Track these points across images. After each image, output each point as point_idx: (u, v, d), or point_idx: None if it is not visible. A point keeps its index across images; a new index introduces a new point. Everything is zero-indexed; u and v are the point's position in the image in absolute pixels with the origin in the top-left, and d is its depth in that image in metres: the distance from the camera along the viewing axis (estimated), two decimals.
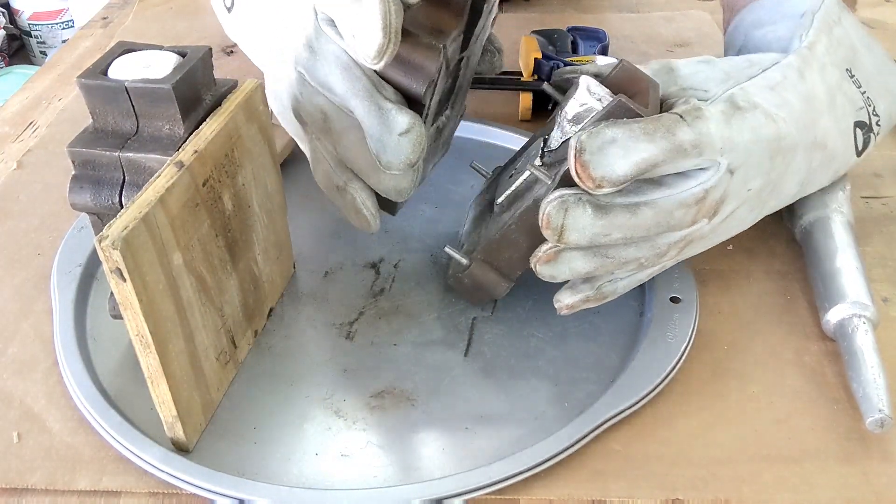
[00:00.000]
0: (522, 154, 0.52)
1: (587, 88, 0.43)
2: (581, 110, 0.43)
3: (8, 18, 2.20)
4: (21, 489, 0.42)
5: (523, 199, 0.45)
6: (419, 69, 0.43)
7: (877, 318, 0.47)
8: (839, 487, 0.41)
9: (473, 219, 0.53)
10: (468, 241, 0.51)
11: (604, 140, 0.39)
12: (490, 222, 0.49)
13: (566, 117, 0.44)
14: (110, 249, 0.35)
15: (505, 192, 0.47)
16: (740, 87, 0.45)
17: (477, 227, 0.51)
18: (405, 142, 0.43)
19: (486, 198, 0.53)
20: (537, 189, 0.44)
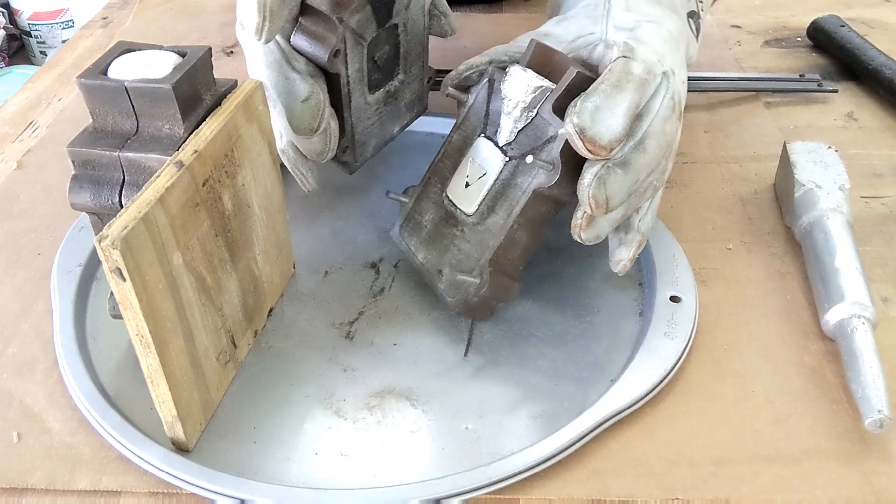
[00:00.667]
0: (439, 166, 0.51)
1: (520, 74, 0.47)
2: (535, 95, 0.46)
3: (8, 18, 2.20)
4: (21, 489, 0.42)
5: (512, 195, 0.47)
6: (321, 40, 0.48)
7: (876, 319, 0.47)
8: (839, 487, 0.41)
9: (424, 242, 0.51)
10: (443, 264, 0.49)
11: (591, 110, 0.43)
12: (470, 233, 0.48)
13: (516, 106, 0.47)
14: (110, 249, 0.35)
15: (476, 199, 0.48)
16: (621, 11, 0.50)
17: (440, 247, 0.50)
18: (305, 108, 0.48)
19: (424, 218, 0.51)
20: (525, 181, 0.46)
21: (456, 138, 0.50)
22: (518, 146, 0.47)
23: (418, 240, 0.51)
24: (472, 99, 0.50)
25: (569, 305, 0.52)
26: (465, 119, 0.50)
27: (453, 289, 0.49)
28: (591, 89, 0.43)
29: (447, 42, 0.84)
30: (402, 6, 0.53)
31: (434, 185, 0.51)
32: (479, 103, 0.50)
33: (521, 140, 0.47)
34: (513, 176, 0.47)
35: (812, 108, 0.73)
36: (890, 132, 0.69)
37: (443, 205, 0.50)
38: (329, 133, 0.51)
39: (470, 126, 0.50)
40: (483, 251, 0.48)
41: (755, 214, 0.59)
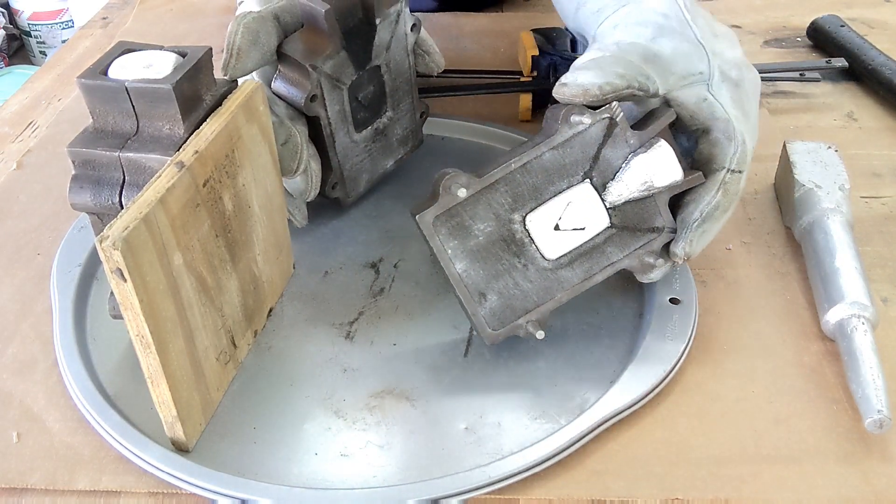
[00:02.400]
0: (517, 178, 0.45)
1: (666, 157, 0.45)
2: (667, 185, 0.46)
3: (8, 18, 2.20)
4: (21, 489, 0.42)
5: (597, 260, 0.47)
6: (298, 85, 0.51)
7: (876, 319, 0.47)
8: (839, 487, 0.41)
9: (470, 253, 0.46)
10: (490, 290, 0.46)
11: (699, 236, 0.46)
12: (536, 275, 0.46)
13: (642, 181, 0.45)
14: (111, 250, 0.35)
15: (562, 249, 0.46)
16: (718, 58, 0.48)
17: (491, 270, 0.46)
18: (284, 151, 0.50)
19: (477, 226, 0.45)
20: (616, 255, 0.47)
21: (549, 158, 0.45)
22: (622, 215, 0.46)
23: (461, 245, 0.45)
24: (583, 127, 0.44)
25: (569, 306, 0.51)
26: (568, 144, 0.44)
27: (498, 322, 0.47)
28: (705, 211, 0.46)
29: (448, 42, 0.84)
30: (383, 49, 0.55)
31: (503, 195, 0.45)
32: (590, 138, 0.45)
33: (626, 211, 0.46)
34: (605, 243, 0.47)
35: (812, 108, 0.73)
36: (890, 132, 0.69)
37: (510, 226, 0.45)
38: (310, 173, 0.53)
39: (572, 155, 0.45)
40: (546, 300, 0.47)
41: (755, 214, 0.59)
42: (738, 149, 0.46)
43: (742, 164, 0.46)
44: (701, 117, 0.47)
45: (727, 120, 0.46)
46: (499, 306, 0.47)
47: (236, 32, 0.48)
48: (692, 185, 0.46)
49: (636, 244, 0.47)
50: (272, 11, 0.50)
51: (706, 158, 0.47)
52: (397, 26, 0.55)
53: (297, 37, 0.51)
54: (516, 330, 0.47)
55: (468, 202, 0.45)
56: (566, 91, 0.44)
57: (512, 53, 0.81)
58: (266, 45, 0.50)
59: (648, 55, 0.46)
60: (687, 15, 0.48)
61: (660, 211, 0.47)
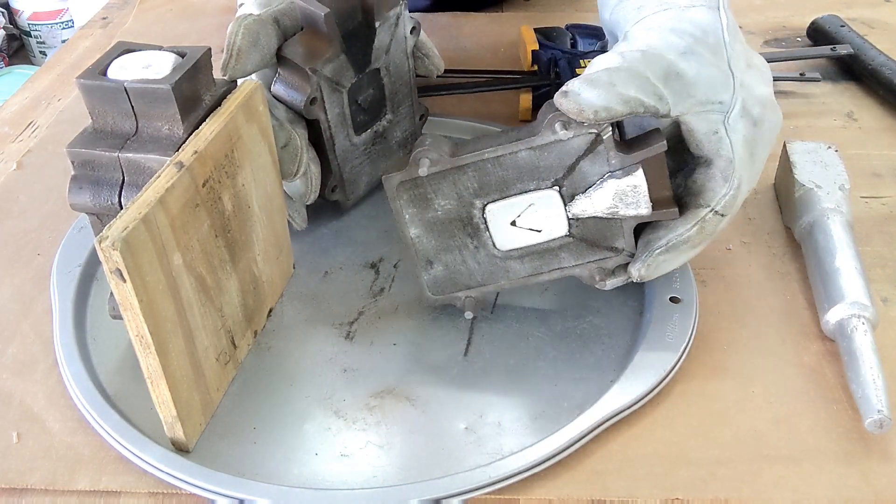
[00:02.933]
0: (487, 167, 0.45)
1: (639, 184, 0.44)
2: (634, 214, 0.45)
3: (8, 18, 2.20)
4: (21, 489, 0.42)
5: (548, 261, 0.48)
6: (297, 89, 0.51)
7: (876, 319, 0.47)
8: (839, 487, 0.41)
9: (425, 223, 0.47)
10: (438, 260, 0.48)
11: (659, 264, 0.46)
12: (485, 259, 0.48)
13: (610, 203, 0.44)
14: (110, 250, 0.35)
15: (514, 244, 0.47)
16: (745, 90, 0.45)
17: (443, 243, 0.47)
18: (284, 154, 0.50)
19: (438, 201, 0.46)
20: (568, 261, 0.47)
21: (524, 157, 0.44)
22: (583, 228, 0.46)
23: (418, 214, 0.47)
24: (567, 136, 0.43)
25: (569, 305, 0.52)
26: (546, 148, 0.44)
27: (438, 290, 0.49)
28: (672, 242, 0.45)
29: (448, 42, 0.84)
30: (382, 52, 0.55)
31: (470, 179, 0.45)
32: (571, 148, 0.44)
33: (589, 225, 0.46)
34: (559, 248, 0.47)
35: (812, 108, 0.73)
36: (890, 132, 0.69)
37: (470, 209, 0.46)
38: (309, 176, 0.53)
39: (547, 160, 0.44)
40: (489, 283, 0.48)
41: (755, 214, 0.59)
42: (730, 193, 0.44)
43: (728, 209, 0.45)
44: (705, 149, 0.45)
45: (730, 160, 0.44)
46: (443, 276, 0.48)
47: (237, 33, 0.48)
48: (664, 218, 0.45)
49: (591, 257, 0.47)
50: (272, 14, 0.50)
51: (696, 190, 0.45)
52: (397, 29, 0.56)
53: (296, 40, 0.51)
54: (454, 301, 0.49)
55: (434, 177, 0.45)
56: (564, 103, 0.42)
57: (512, 53, 0.81)
58: (266, 47, 0.50)
59: (671, 73, 0.44)
60: (726, 36, 0.46)
61: (623, 233, 0.46)
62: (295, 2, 0.51)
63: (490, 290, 0.49)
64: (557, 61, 0.69)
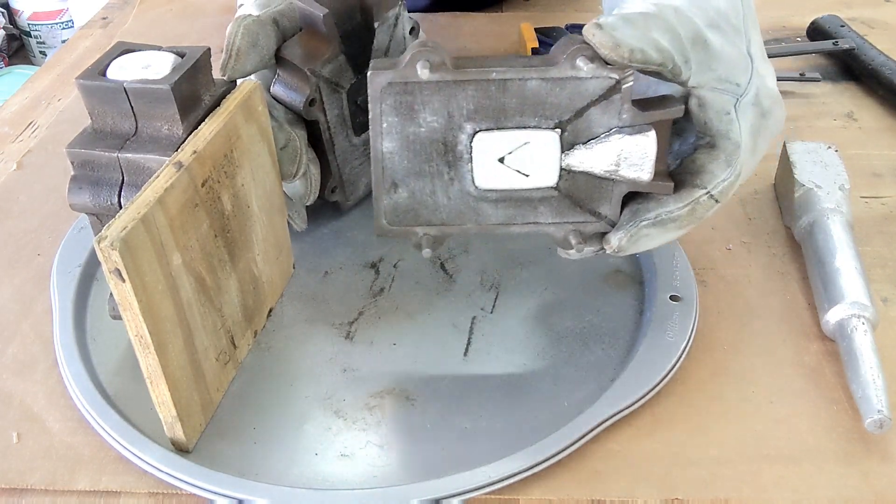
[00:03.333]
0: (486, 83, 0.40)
1: (649, 145, 0.41)
2: (634, 174, 0.42)
3: (8, 18, 2.20)
4: (21, 489, 0.42)
5: (524, 213, 0.44)
6: (297, 90, 0.51)
7: (876, 319, 0.47)
8: (839, 487, 0.41)
9: (402, 139, 0.42)
10: (403, 184, 0.43)
11: (641, 238, 0.44)
12: (457, 196, 0.44)
13: (612, 160, 0.42)
14: (109, 250, 0.35)
15: (494, 184, 0.43)
16: (760, 79, 0.45)
17: (415, 167, 0.43)
18: (283, 155, 0.50)
19: (420, 113, 0.42)
20: (545, 218, 0.44)
21: (533, 87, 0.40)
22: (571, 183, 0.43)
23: (398, 124, 0.42)
24: (585, 74, 0.40)
25: (569, 305, 0.52)
26: (560, 83, 0.40)
27: (396, 219, 0.44)
28: (661, 217, 0.43)
29: (448, 42, 0.84)
30: (381, 52, 0.55)
31: (467, 99, 0.41)
32: (586, 89, 0.40)
33: (578, 181, 0.43)
34: (540, 201, 0.44)
35: (812, 108, 0.73)
36: (890, 132, 0.69)
37: (457, 134, 0.42)
38: (309, 177, 0.53)
39: (557, 97, 0.41)
40: (454, 223, 0.44)
41: (755, 214, 0.59)
42: (730, 179, 0.43)
43: (723, 196, 0.43)
44: (714, 129, 0.43)
45: (737, 145, 0.43)
46: (405, 205, 0.44)
47: (236, 34, 0.48)
48: (656, 192, 0.43)
49: (571, 217, 0.44)
50: (271, 15, 0.50)
51: (695, 170, 0.43)
52: (396, 30, 0.55)
53: (295, 41, 0.51)
54: (409, 235, 0.44)
55: (429, 86, 0.40)
56: (598, 34, 0.39)
57: (512, 52, 0.81)
58: (265, 48, 0.50)
59: (699, 39, 0.42)
60: (748, 23, 0.45)
61: (611, 199, 0.43)
62: (294, 2, 0.51)
63: (453, 231, 0.44)
64: None
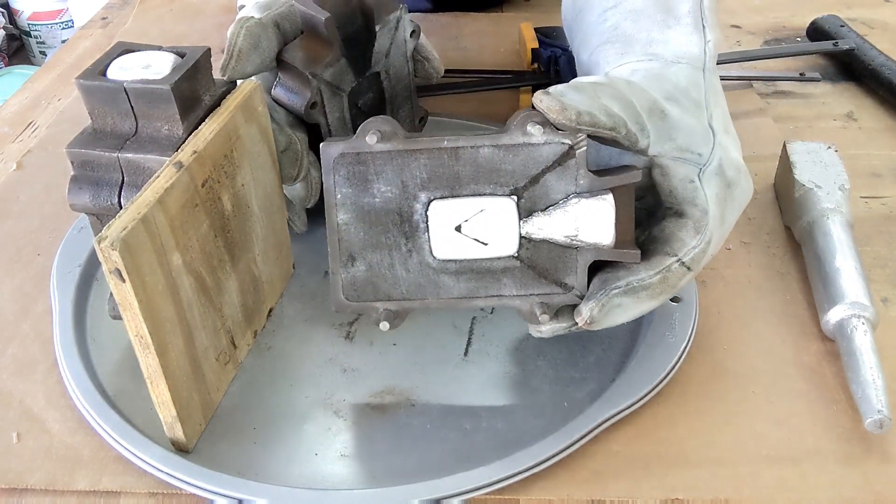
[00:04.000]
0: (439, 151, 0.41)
1: (605, 212, 0.41)
2: (593, 242, 0.41)
3: (8, 18, 2.20)
4: (21, 489, 0.42)
5: (486, 286, 0.43)
6: (298, 93, 0.51)
7: (876, 319, 0.47)
8: (839, 487, 0.41)
9: (357, 211, 0.42)
10: (361, 259, 0.42)
11: (612, 308, 0.41)
12: (416, 269, 0.42)
13: (570, 228, 0.41)
14: (109, 250, 0.35)
15: (452, 255, 0.42)
16: (722, 149, 0.44)
17: (372, 240, 0.42)
18: (284, 158, 0.50)
19: (376, 186, 0.41)
20: (508, 291, 0.43)
21: (486, 154, 0.41)
22: (533, 253, 0.42)
23: (352, 195, 0.42)
24: (538, 140, 0.40)
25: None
26: (513, 150, 0.41)
27: (354, 294, 0.43)
28: (632, 285, 0.41)
29: (448, 42, 0.84)
30: (382, 55, 0.55)
31: (420, 168, 0.41)
32: (539, 155, 0.40)
33: (541, 250, 0.42)
34: (503, 272, 0.42)
35: (812, 108, 0.73)
36: (890, 132, 0.69)
37: (412, 203, 0.41)
38: (310, 180, 0.53)
39: (511, 164, 0.41)
40: (414, 297, 0.43)
41: (755, 214, 0.59)
42: (700, 246, 0.42)
43: (695, 264, 0.42)
44: (679, 197, 0.42)
45: (705, 211, 0.42)
46: (363, 279, 0.42)
47: (238, 35, 0.48)
48: (624, 259, 0.41)
49: (536, 290, 0.42)
50: (273, 18, 0.50)
51: (664, 239, 0.42)
52: (397, 32, 0.56)
53: (296, 44, 0.51)
54: (368, 311, 0.43)
55: (381, 156, 0.41)
56: (545, 100, 0.40)
57: (512, 54, 0.81)
58: (266, 51, 0.50)
59: (655, 109, 0.43)
60: (709, 98, 0.45)
61: (577, 269, 0.42)
62: (295, 5, 0.51)
63: (414, 306, 0.43)
64: (557, 59, 0.69)
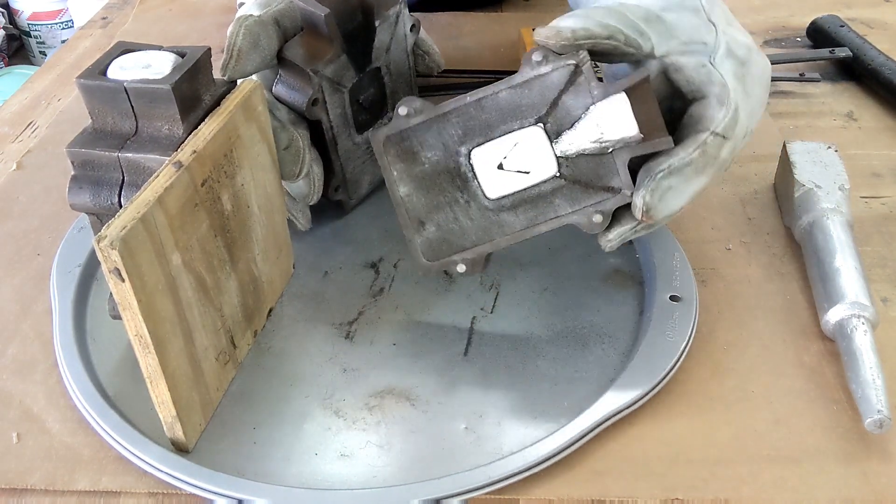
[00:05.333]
0: (470, 111, 0.45)
1: (622, 109, 0.42)
2: (621, 139, 0.43)
3: (7, 18, 2.20)
4: (21, 489, 0.42)
5: (542, 210, 0.45)
6: (299, 90, 0.51)
7: (876, 319, 0.47)
8: (839, 487, 0.41)
9: (414, 178, 0.47)
10: (430, 220, 0.47)
11: (664, 191, 0.43)
12: (477, 213, 0.46)
13: (596, 134, 0.43)
14: (109, 250, 0.35)
15: (503, 190, 0.45)
16: (727, 35, 0.46)
17: (433, 200, 0.47)
18: (286, 155, 0.50)
19: (424, 153, 0.46)
20: (563, 208, 0.45)
21: (505, 97, 0.44)
22: (574, 168, 0.44)
23: (407, 169, 0.47)
24: (546, 69, 0.43)
25: (569, 305, 0.52)
26: (527, 85, 0.44)
27: (432, 254, 0.47)
28: (674, 165, 0.42)
29: (447, 42, 0.84)
30: (382, 51, 0.55)
31: (454, 126, 0.45)
32: (552, 82, 0.43)
33: (580, 164, 0.44)
34: (553, 193, 0.45)
35: (812, 108, 0.73)
36: (890, 132, 0.69)
37: (456, 158, 0.46)
38: (312, 177, 0.53)
39: (529, 97, 0.44)
40: (484, 241, 0.47)
41: (755, 214, 0.59)
42: (729, 115, 0.43)
43: (729, 131, 0.43)
44: (697, 82, 0.44)
45: (724, 85, 0.43)
46: (436, 238, 0.47)
47: (237, 34, 0.48)
48: (657, 148, 0.43)
49: (588, 201, 0.45)
50: (272, 16, 0.50)
51: (694, 121, 0.44)
52: (397, 28, 0.55)
53: (297, 41, 0.51)
54: (449, 265, 0.47)
55: (419, 128, 0.46)
56: (541, 31, 0.43)
57: (512, 54, 0.81)
58: (266, 49, 0.50)
59: (651, 16, 0.45)
60: (704, 3, 0.47)
61: (617, 170, 0.44)
62: (295, 2, 0.51)
63: (486, 249, 0.47)
64: None
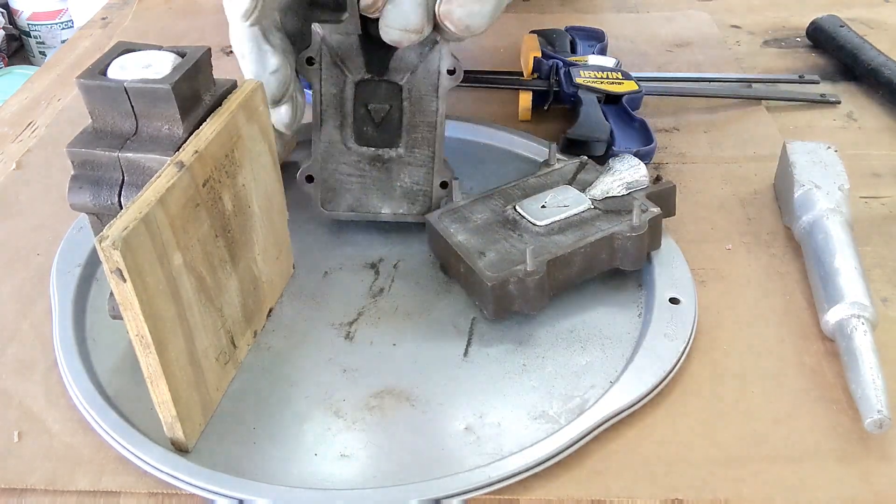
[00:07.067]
0: (508, 192, 0.55)
1: (638, 169, 0.55)
2: (635, 178, 0.54)
3: (7, 18, 2.20)
4: (21, 489, 0.42)
5: (587, 229, 0.51)
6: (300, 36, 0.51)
7: (876, 319, 0.47)
8: (839, 487, 0.41)
9: (469, 231, 0.52)
10: (488, 249, 0.50)
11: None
12: (531, 238, 0.51)
13: (618, 182, 0.54)
14: (110, 250, 0.35)
15: (551, 218, 0.52)
16: None
17: (487, 238, 0.51)
18: (272, 79, 0.50)
19: (476, 217, 0.53)
20: (605, 226, 0.51)
21: (533, 181, 0.56)
22: (606, 203, 0.53)
23: (460, 227, 0.53)
24: (559, 166, 0.57)
25: (569, 306, 0.52)
26: (547, 175, 0.57)
27: (496, 270, 0.49)
28: None
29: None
30: (406, 69, 0.53)
31: (496, 199, 0.55)
32: (566, 171, 0.57)
33: (608, 203, 0.53)
34: (593, 219, 0.52)
35: (812, 108, 0.73)
36: (890, 132, 0.69)
37: (503, 213, 0.53)
38: (295, 103, 0.53)
39: (552, 180, 0.56)
40: (543, 253, 0.49)
41: (755, 214, 0.59)
42: None
43: None
44: None
45: None
46: (497, 260, 0.50)
47: None
48: (658, 189, 0.54)
49: (625, 217, 0.52)
50: None
51: None
52: (429, 55, 0.52)
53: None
54: (513, 274, 0.49)
55: (467, 205, 0.54)
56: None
57: (512, 54, 0.81)
58: None
59: None
60: None
61: (634, 199, 0.53)
62: None
63: (544, 259, 0.49)
64: (558, 69, 0.69)
